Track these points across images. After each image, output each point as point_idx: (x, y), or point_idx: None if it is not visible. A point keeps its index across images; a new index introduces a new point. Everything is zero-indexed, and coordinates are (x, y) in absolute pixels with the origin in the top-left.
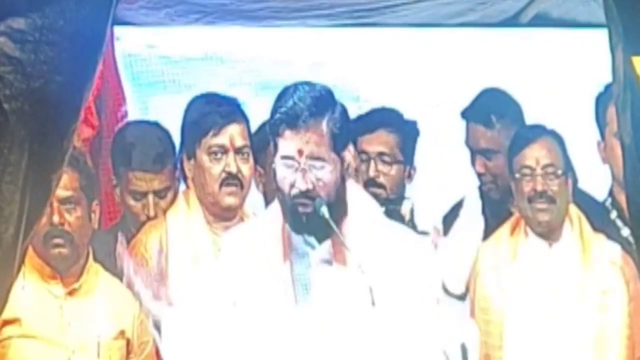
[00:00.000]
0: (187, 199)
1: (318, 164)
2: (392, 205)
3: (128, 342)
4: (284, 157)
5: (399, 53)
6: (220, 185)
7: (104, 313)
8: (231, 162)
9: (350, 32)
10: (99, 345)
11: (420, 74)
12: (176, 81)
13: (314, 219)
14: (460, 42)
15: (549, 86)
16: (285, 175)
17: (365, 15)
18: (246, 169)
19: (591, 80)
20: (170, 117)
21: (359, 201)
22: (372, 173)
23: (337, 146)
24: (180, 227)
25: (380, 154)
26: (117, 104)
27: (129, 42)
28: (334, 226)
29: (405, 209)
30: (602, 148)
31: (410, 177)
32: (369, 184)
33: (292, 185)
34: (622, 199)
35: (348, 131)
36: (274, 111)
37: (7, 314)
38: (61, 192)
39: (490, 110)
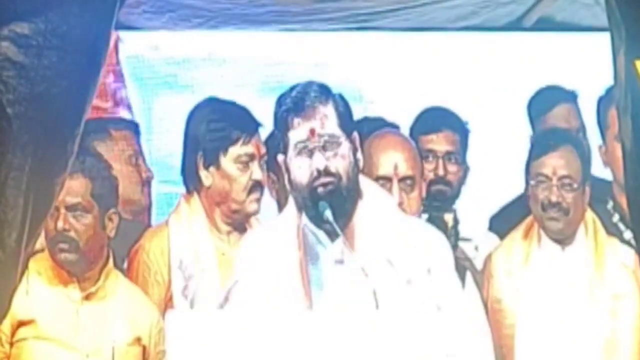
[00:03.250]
0: (189, 204)
1: (332, 139)
2: (436, 212)
3: (144, 349)
4: (299, 143)
5: (402, 56)
6: (248, 193)
7: (120, 318)
8: (257, 170)
9: (353, 36)
10: (113, 350)
11: (423, 76)
12: (179, 83)
13: (335, 201)
14: (464, 46)
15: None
16: (301, 165)
17: (368, 19)
18: (264, 176)
19: (595, 83)
20: (174, 118)
21: (372, 195)
22: (440, 171)
23: (345, 126)
24: (183, 233)
25: (448, 153)
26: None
27: (133, 44)
28: (338, 230)
29: (448, 217)
30: (603, 151)
31: (465, 177)
32: (437, 182)
33: (310, 170)
34: (624, 202)
35: (352, 117)
36: (278, 110)
37: (23, 315)
38: (69, 199)
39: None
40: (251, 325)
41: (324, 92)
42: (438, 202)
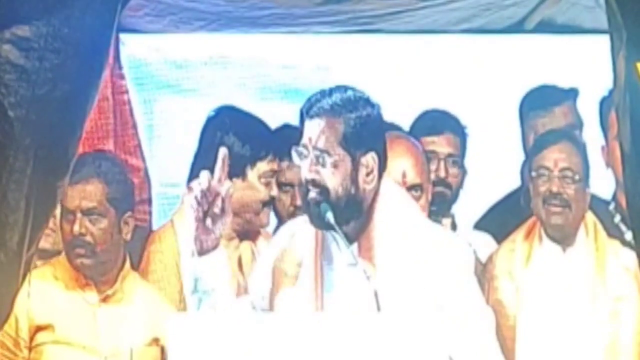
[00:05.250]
0: None
1: (323, 155)
2: (434, 217)
3: (163, 350)
4: (300, 146)
5: (404, 59)
6: (263, 206)
7: (138, 320)
8: (275, 187)
9: (355, 39)
10: (132, 352)
11: (425, 79)
12: (181, 85)
13: (319, 212)
14: (465, 48)
15: None
16: (299, 166)
17: (370, 21)
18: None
19: (596, 86)
20: (175, 121)
21: (395, 200)
22: (442, 173)
23: (351, 145)
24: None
25: (450, 155)
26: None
27: (135, 47)
28: (339, 231)
29: (446, 222)
30: (605, 152)
31: (463, 181)
32: (438, 183)
33: (302, 175)
34: (625, 203)
35: (372, 136)
36: (302, 105)
37: (41, 320)
38: (85, 203)
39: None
40: (261, 325)
41: (347, 103)
42: (435, 207)
